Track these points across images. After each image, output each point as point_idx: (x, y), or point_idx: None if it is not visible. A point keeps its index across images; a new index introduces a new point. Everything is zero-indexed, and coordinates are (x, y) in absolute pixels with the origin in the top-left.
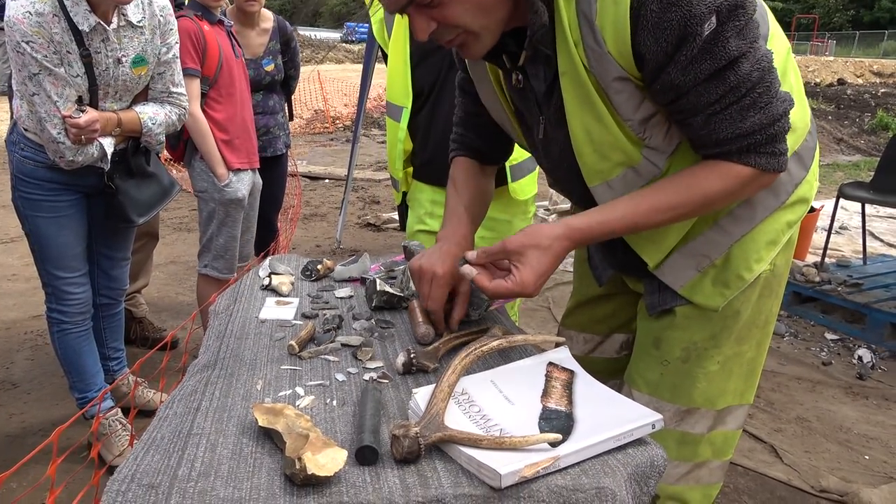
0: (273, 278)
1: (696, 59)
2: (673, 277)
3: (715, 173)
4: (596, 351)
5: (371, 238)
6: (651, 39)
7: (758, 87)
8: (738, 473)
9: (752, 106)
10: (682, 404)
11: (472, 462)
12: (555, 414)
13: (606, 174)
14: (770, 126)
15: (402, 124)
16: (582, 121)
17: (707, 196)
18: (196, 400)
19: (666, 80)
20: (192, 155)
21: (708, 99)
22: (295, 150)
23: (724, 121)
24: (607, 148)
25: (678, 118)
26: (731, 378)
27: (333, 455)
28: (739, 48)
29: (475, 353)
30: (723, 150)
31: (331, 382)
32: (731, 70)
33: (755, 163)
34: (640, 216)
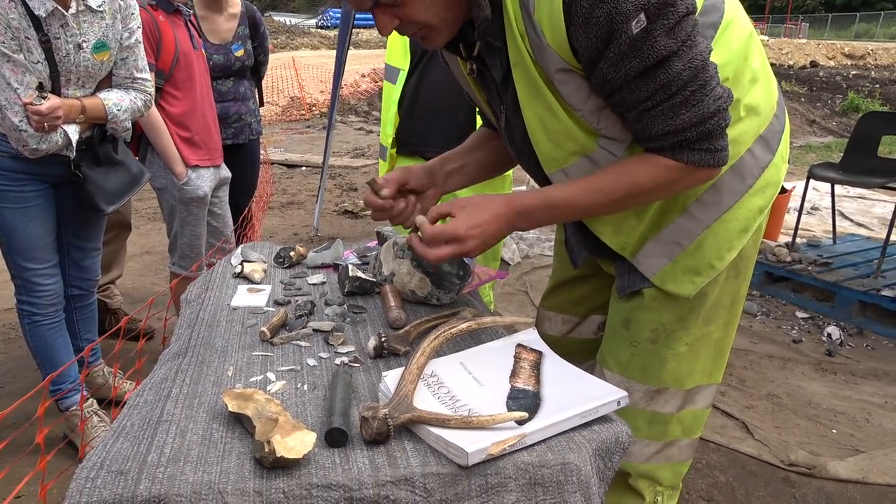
0: (245, 266)
1: (624, 55)
2: (647, 265)
3: (647, 164)
4: (574, 331)
5: (349, 225)
6: (582, 34)
7: (689, 85)
8: (710, 449)
9: (683, 104)
10: (651, 384)
11: (440, 441)
12: (522, 393)
13: (562, 162)
14: (702, 123)
15: (398, 86)
16: (534, 110)
17: (637, 184)
18: (167, 387)
19: (599, 75)
20: (148, 151)
21: (639, 96)
22: (271, 138)
23: (655, 117)
24: (560, 136)
25: (616, 111)
26: (700, 358)
27: (302, 438)
28: (669, 47)
29: (444, 335)
30: (656, 144)
31: (302, 367)
32: (661, 68)
33: (687, 159)
34: (577, 195)
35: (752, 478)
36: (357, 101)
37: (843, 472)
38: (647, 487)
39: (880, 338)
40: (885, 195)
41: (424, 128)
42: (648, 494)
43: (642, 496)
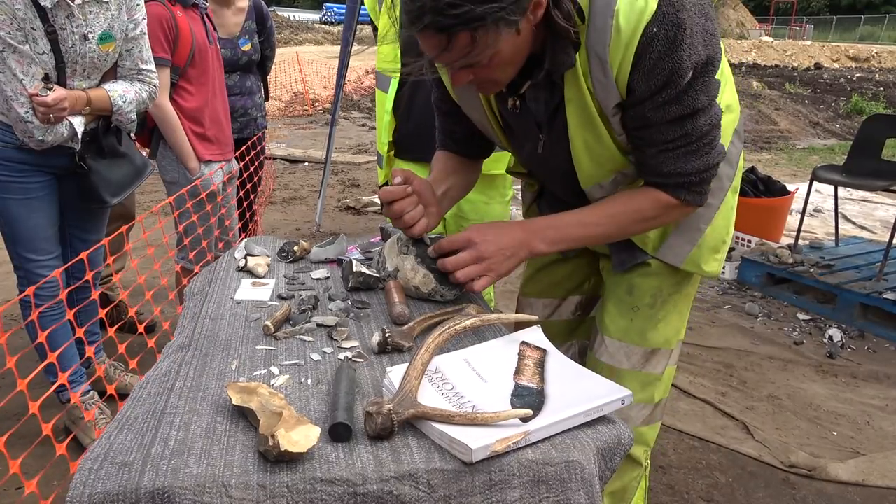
0: (249, 260)
1: (669, 102)
2: (674, 255)
3: (649, 198)
4: (554, 314)
5: (351, 221)
6: (643, 80)
7: (704, 138)
8: (711, 450)
9: (695, 152)
10: (648, 346)
11: (444, 437)
12: (526, 391)
13: (600, 178)
14: (704, 172)
15: (391, 94)
16: (584, 139)
17: (640, 213)
18: (170, 380)
19: (640, 111)
20: (160, 145)
21: (665, 137)
22: (274, 133)
23: (671, 159)
24: (604, 159)
25: (636, 142)
26: (682, 318)
27: (307, 432)
28: (702, 102)
29: (449, 331)
30: (663, 180)
31: (306, 362)
32: (690, 119)
33: (684, 198)
34: (588, 218)
35: (752, 479)
36: (360, 98)
37: (844, 474)
38: (643, 453)
39: (881, 340)
40: (888, 198)
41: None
42: (644, 459)
43: (639, 462)
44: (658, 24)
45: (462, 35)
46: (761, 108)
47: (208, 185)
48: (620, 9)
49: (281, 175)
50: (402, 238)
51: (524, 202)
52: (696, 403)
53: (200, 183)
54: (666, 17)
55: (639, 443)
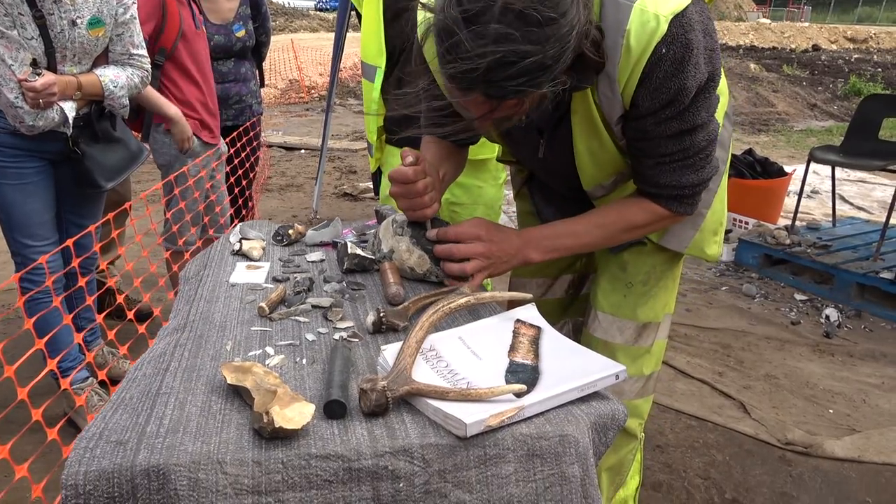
0: (244, 243)
1: (671, 118)
2: (677, 241)
3: (641, 208)
4: (547, 293)
5: (348, 208)
6: (648, 97)
7: (701, 153)
8: (708, 429)
9: (692, 167)
10: (640, 320)
11: (438, 413)
12: (521, 367)
13: (602, 179)
14: (698, 185)
15: (377, 84)
16: (588, 147)
17: (632, 223)
18: (165, 361)
19: (641, 125)
20: (152, 127)
21: (663, 150)
22: (270, 121)
23: (667, 171)
24: (606, 163)
25: (634, 152)
26: (670, 293)
27: (301, 409)
28: (702, 118)
29: (443, 309)
30: (657, 191)
31: (301, 342)
32: (689, 135)
33: (676, 209)
34: (580, 228)
35: (749, 457)
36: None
37: (840, 451)
38: (637, 426)
39: (878, 320)
40: (884, 178)
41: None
42: (638, 431)
43: (634, 435)
44: (667, 44)
45: (512, 100)
46: (759, 91)
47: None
48: (632, 29)
49: (277, 162)
50: (396, 220)
51: (514, 186)
52: (694, 383)
53: (190, 168)
54: (676, 39)
55: (633, 415)
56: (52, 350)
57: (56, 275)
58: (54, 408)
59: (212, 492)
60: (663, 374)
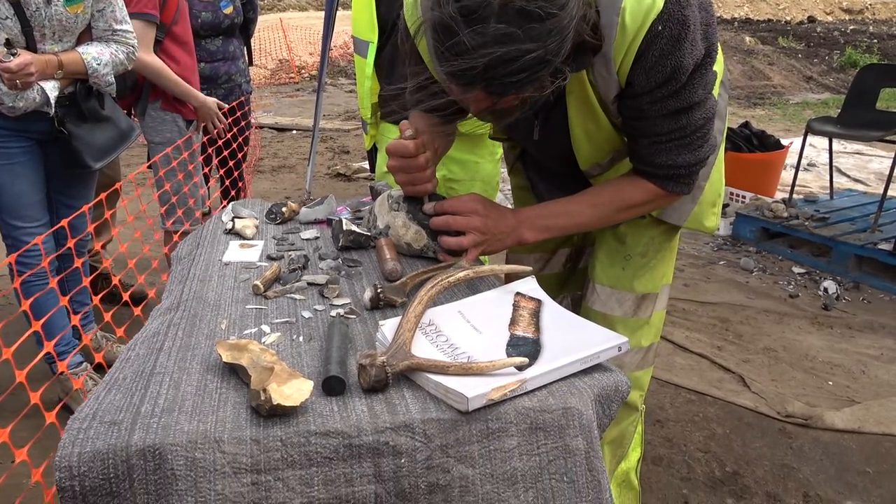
0: (236, 222)
1: (667, 97)
2: (676, 215)
3: (637, 188)
4: (546, 268)
5: (342, 188)
6: (643, 75)
7: (698, 132)
8: (707, 402)
9: (688, 146)
10: (638, 292)
11: (439, 388)
12: (522, 340)
13: (599, 159)
14: (694, 165)
15: (369, 60)
16: (584, 127)
17: (627, 202)
18: (159, 341)
19: (637, 103)
20: (148, 104)
21: (659, 130)
22: (261, 102)
23: (662, 151)
24: (603, 143)
25: (630, 131)
26: (667, 262)
27: (299, 386)
28: (699, 96)
29: (442, 284)
30: (653, 170)
31: (297, 319)
32: (686, 114)
33: (672, 188)
34: (575, 207)
35: (749, 429)
36: (347, 63)
37: (839, 422)
38: (638, 398)
39: (876, 291)
40: (882, 150)
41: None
42: (639, 403)
43: (635, 406)
44: (664, 21)
45: (512, 96)
46: (754, 64)
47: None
48: (627, 6)
49: (269, 144)
50: (392, 195)
51: (507, 162)
52: (693, 358)
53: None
54: (672, 16)
55: (634, 387)
56: (48, 334)
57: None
58: (48, 393)
59: (209, 471)
60: (662, 349)
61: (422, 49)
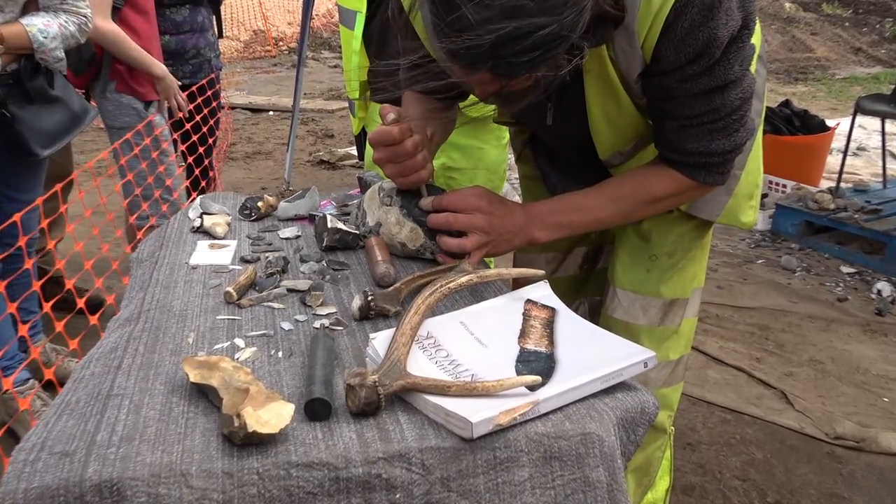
0: (205, 219)
1: (699, 74)
2: (708, 209)
3: (663, 178)
4: (559, 270)
5: (325, 177)
6: (672, 50)
7: (734, 114)
8: (745, 423)
9: (722, 130)
10: (666, 297)
11: (439, 411)
12: (534, 355)
13: (620, 146)
14: (730, 152)
15: (357, 32)
16: (603, 110)
17: (651, 195)
18: (117, 357)
19: (664, 82)
20: (107, 85)
21: (690, 111)
22: (233, 79)
23: (693, 136)
24: (625, 127)
25: (656, 112)
26: (698, 263)
27: (278, 410)
28: (736, 73)
29: (441, 290)
30: (682, 158)
31: (275, 332)
32: (720, 93)
33: (704, 179)
34: (592, 201)
35: (793, 453)
36: (332, 35)
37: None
38: (666, 419)
39: None
40: None
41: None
42: (668, 425)
43: (663, 429)
44: None
45: (522, 78)
46: (795, 34)
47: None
48: None
49: (242, 127)
50: (383, 187)
51: (514, 149)
52: (728, 371)
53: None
54: None
55: (662, 407)
56: None
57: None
58: None
59: None
60: (693, 361)
61: (417, 24)
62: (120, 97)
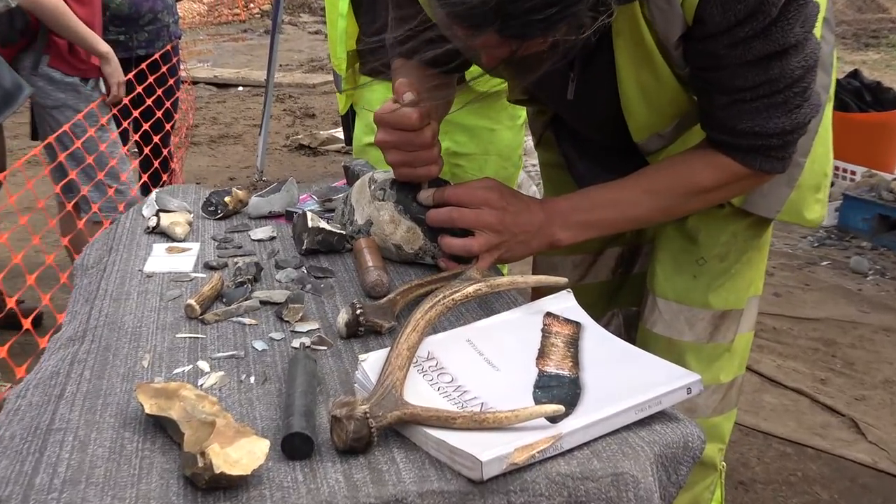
0: (162, 217)
1: (752, 37)
2: (766, 205)
3: (709, 166)
4: (588, 275)
5: (306, 165)
6: (718, 8)
7: (795, 85)
8: (808, 457)
9: (782, 105)
10: (716, 308)
11: (442, 448)
12: (555, 380)
13: (658, 127)
14: (790, 133)
15: None
16: (637, 81)
17: (696, 186)
18: (59, 384)
19: (710, 47)
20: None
21: (741, 83)
22: (194, 48)
23: (747, 112)
24: (664, 103)
25: (702, 85)
26: (755, 268)
27: (250, 447)
28: (797, 36)
29: (444, 303)
30: (732, 140)
31: (247, 353)
32: (779, 60)
33: (760, 166)
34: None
35: (866, 493)
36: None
37: None
38: (717, 453)
39: None
40: None
41: None
42: (718, 461)
43: (713, 465)
44: None
45: (536, 40)
46: None
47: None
48: None
49: (206, 105)
50: (375, 178)
51: (534, 132)
52: (787, 395)
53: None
54: None
55: (711, 439)
56: None
57: None
58: None
59: None
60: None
61: None
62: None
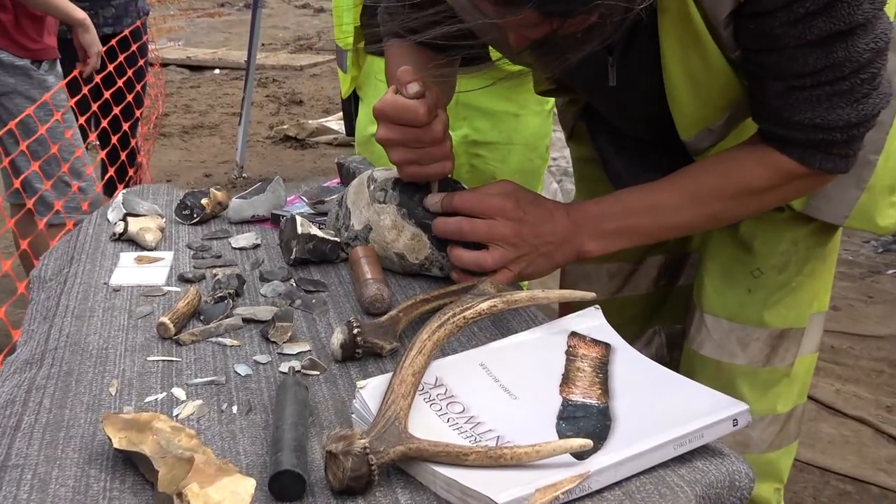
0: (130, 222)
1: (813, 14)
2: (832, 209)
3: (761, 165)
4: (626, 287)
5: (292, 159)
6: None
7: (863, 71)
8: (872, 496)
9: (847, 94)
10: (774, 327)
11: (452, 488)
12: (582, 410)
13: (708, 121)
14: (857, 126)
15: None
16: (684, 65)
17: (746, 188)
18: (14, 414)
19: (765, 26)
20: None
21: (801, 68)
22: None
23: (806, 101)
24: (714, 92)
25: (754, 70)
26: (819, 280)
27: (234, 487)
28: (864, 14)
29: (455, 321)
30: (789, 134)
31: (228, 378)
32: (844, 41)
33: (821, 164)
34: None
35: None
36: None
37: None
38: (772, 494)
39: None
40: None
41: None
42: (774, 501)
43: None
44: None
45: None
46: None
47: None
48: None
49: (178, 91)
50: (374, 177)
51: (564, 125)
52: (848, 425)
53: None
54: None
55: (766, 478)
56: None
57: None
58: None
59: None
60: None
61: None
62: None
